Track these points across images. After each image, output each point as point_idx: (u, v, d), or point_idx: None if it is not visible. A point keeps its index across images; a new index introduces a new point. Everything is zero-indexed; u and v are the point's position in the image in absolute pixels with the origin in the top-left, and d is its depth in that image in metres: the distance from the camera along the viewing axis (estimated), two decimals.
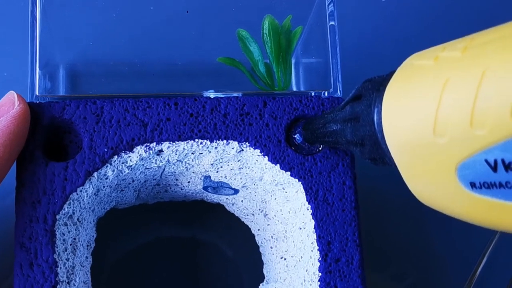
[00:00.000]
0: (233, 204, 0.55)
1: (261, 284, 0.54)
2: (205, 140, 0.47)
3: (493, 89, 0.27)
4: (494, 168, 0.28)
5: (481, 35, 0.30)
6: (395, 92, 0.34)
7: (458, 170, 0.30)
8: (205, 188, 0.52)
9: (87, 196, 0.46)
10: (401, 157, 0.34)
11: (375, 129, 0.36)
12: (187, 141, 0.46)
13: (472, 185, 0.30)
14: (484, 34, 0.30)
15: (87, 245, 0.48)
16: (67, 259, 0.45)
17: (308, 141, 0.46)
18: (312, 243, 0.47)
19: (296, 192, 0.48)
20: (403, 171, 0.35)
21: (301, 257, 0.48)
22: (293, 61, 0.58)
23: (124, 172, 0.46)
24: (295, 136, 0.48)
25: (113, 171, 0.46)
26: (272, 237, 0.53)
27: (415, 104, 0.32)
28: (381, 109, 0.35)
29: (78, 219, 0.46)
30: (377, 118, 0.35)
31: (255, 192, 0.51)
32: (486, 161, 0.28)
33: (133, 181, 0.49)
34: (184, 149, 0.47)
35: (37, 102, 0.46)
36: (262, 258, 0.57)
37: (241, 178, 0.50)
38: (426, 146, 0.31)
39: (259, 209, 0.53)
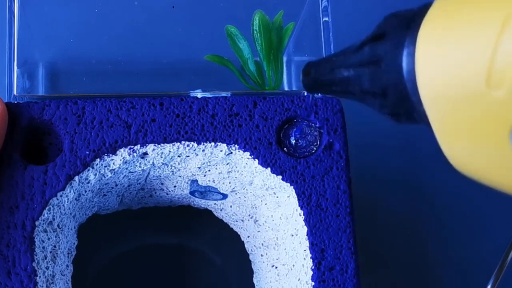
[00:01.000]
0: (221, 210, 0.55)
1: None
2: (192, 142, 0.46)
3: None
4: None
5: None
6: (434, 30, 0.29)
7: None
8: (192, 192, 0.52)
9: (67, 201, 0.45)
10: (439, 113, 0.29)
11: (404, 77, 0.31)
12: (173, 143, 0.46)
13: None
14: None
15: (68, 253, 0.48)
16: (47, 268, 0.44)
17: (309, 89, 0.40)
18: (304, 250, 0.46)
19: (288, 197, 0.47)
20: (439, 130, 0.30)
21: (293, 265, 0.48)
22: (284, 59, 0.57)
23: (107, 176, 0.46)
24: (289, 137, 0.47)
25: (95, 175, 0.45)
26: (262, 244, 0.52)
27: (463, 45, 0.27)
28: (413, 51, 0.30)
29: (58, 225, 0.45)
30: (408, 63, 0.30)
31: (245, 197, 0.51)
32: None
33: (116, 185, 0.49)
34: (170, 151, 0.46)
35: (15, 102, 0.46)
36: (252, 267, 0.56)
37: (230, 183, 0.50)
38: (475, 99, 0.27)
39: (249, 215, 0.53)
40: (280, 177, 0.47)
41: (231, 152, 0.46)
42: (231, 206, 0.53)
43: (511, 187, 0.28)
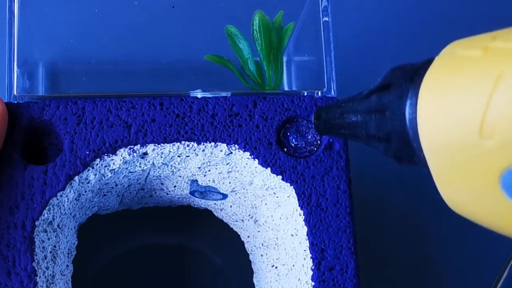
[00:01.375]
0: (221, 210, 0.55)
1: None
2: (192, 142, 0.46)
3: None
4: None
5: None
6: (434, 84, 0.31)
7: (503, 177, 0.28)
8: (192, 193, 0.52)
9: (67, 201, 0.45)
10: (436, 159, 0.32)
11: (406, 125, 0.33)
12: (173, 143, 0.46)
13: None
14: None
15: (68, 253, 0.48)
16: (47, 268, 0.44)
17: (320, 131, 0.44)
18: (304, 250, 0.46)
19: (288, 197, 0.47)
20: (436, 174, 0.32)
21: (293, 265, 0.48)
22: (284, 59, 0.57)
23: (107, 176, 0.46)
24: (289, 137, 0.47)
25: (95, 175, 0.45)
26: (262, 244, 0.52)
27: (459, 100, 0.29)
28: (416, 102, 0.32)
29: (58, 225, 0.45)
30: (410, 113, 0.33)
31: (245, 197, 0.51)
32: None
33: (116, 185, 0.48)
34: (170, 151, 0.46)
35: (15, 102, 0.45)
36: (252, 267, 0.56)
37: (230, 183, 0.50)
38: (468, 148, 0.29)
39: (249, 215, 0.53)
40: (280, 177, 0.46)
41: (231, 152, 0.46)
42: (231, 206, 0.53)
43: (502, 228, 0.30)
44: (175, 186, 0.51)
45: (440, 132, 0.30)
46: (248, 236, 0.55)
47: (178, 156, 0.47)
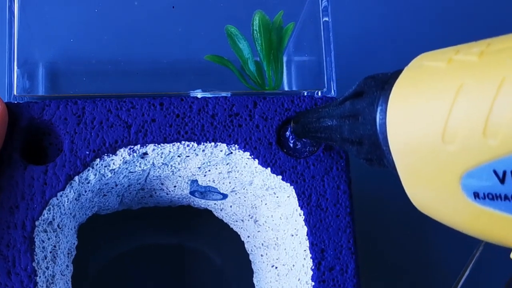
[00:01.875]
0: (221, 210, 0.55)
1: None
2: (192, 142, 0.46)
3: (510, 100, 0.27)
4: (502, 180, 0.28)
5: (497, 41, 0.30)
6: (402, 92, 0.34)
7: (463, 179, 0.30)
8: (192, 192, 0.52)
9: (67, 201, 0.45)
10: (403, 161, 0.34)
11: (377, 129, 0.35)
12: (173, 143, 0.46)
13: (476, 195, 0.30)
14: (500, 41, 0.29)
15: (68, 253, 0.48)
16: (47, 268, 0.44)
17: (298, 134, 0.46)
18: (304, 250, 0.46)
19: (288, 197, 0.47)
20: (403, 175, 0.34)
21: (293, 265, 0.48)
22: (284, 59, 0.57)
23: (107, 176, 0.46)
24: (288, 137, 0.47)
25: (95, 175, 0.45)
26: (262, 244, 0.52)
27: (424, 107, 0.31)
28: (385, 108, 0.34)
29: (58, 225, 0.45)
30: (380, 118, 0.35)
31: (245, 197, 0.51)
32: (495, 171, 0.28)
33: (116, 185, 0.48)
34: (170, 151, 0.46)
35: (15, 102, 0.45)
36: (252, 267, 0.56)
37: (230, 183, 0.50)
38: (432, 151, 0.31)
39: (249, 215, 0.53)
40: (280, 177, 0.46)
41: (231, 152, 0.46)
42: (231, 206, 0.53)
43: (463, 227, 0.33)
44: (175, 186, 0.51)
45: (406, 137, 0.33)
46: (248, 236, 0.55)
47: (178, 156, 0.46)
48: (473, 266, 0.59)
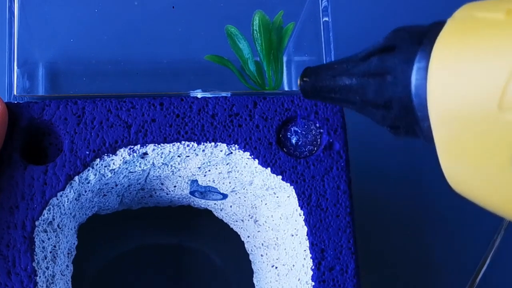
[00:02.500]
0: (221, 210, 0.55)
1: None
2: (192, 142, 0.46)
3: None
4: None
5: None
6: (449, 48, 0.29)
7: None
8: (192, 192, 0.52)
9: (67, 201, 0.45)
10: (445, 130, 0.29)
11: (411, 91, 0.31)
12: (173, 143, 0.46)
13: None
14: None
15: (68, 253, 0.48)
16: (47, 268, 0.44)
17: (306, 94, 0.39)
18: (304, 250, 0.46)
19: (288, 197, 0.47)
20: (442, 147, 0.30)
21: (293, 265, 0.48)
22: (284, 59, 0.57)
23: (107, 176, 0.46)
24: (289, 137, 0.47)
25: (95, 175, 0.45)
26: (262, 244, 0.52)
27: (478, 67, 0.27)
28: (425, 66, 0.30)
29: (58, 225, 0.45)
30: (417, 78, 0.30)
31: (245, 197, 0.51)
32: None
33: (116, 185, 0.48)
34: (170, 151, 0.46)
35: (15, 102, 0.45)
36: (252, 267, 0.56)
37: (230, 183, 0.50)
38: (484, 120, 0.27)
39: (249, 215, 0.53)
40: (280, 177, 0.46)
41: (231, 152, 0.46)
42: (231, 206, 0.53)
43: (507, 210, 0.28)
44: (175, 186, 0.51)
45: (453, 101, 0.28)
46: (248, 236, 0.55)
47: (178, 156, 0.46)
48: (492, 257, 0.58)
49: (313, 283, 0.46)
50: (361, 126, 0.51)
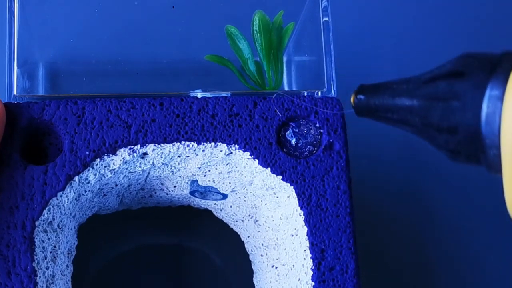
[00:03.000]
0: (221, 210, 0.55)
1: None
2: (192, 142, 0.46)
3: None
4: None
5: None
6: None
7: None
8: (192, 193, 0.52)
9: (67, 201, 0.45)
10: None
11: (481, 118, 0.30)
12: (173, 143, 0.46)
13: None
14: None
15: (68, 253, 0.48)
16: (47, 268, 0.44)
17: (360, 111, 0.39)
18: (304, 250, 0.46)
19: (288, 197, 0.47)
20: (510, 177, 0.30)
21: (293, 265, 0.48)
22: (284, 59, 0.57)
23: (107, 176, 0.46)
24: (289, 138, 0.47)
25: (95, 175, 0.45)
26: (262, 244, 0.52)
27: None
28: (500, 96, 0.30)
29: (58, 225, 0.45)
30: (490, 106, 0.30)
31: (245, 197, 0.51)
32: None
33: (116, 185, 0.48)
34: (170, 151, 0.46)
35: (15, 102, 0.45)
36: (252, 267, 0.56)
37: (230, 183, 0.50)
38: None
39: (249, 215, 0.53)
40: (280, 177, 0.46)
41: (231, 152, 0.46)
42: (231, 206, 0.53)
43: None
44: (175, 186, 0.51)
45: None
46: (248, 236, 0.55)
47: (178, 156, 0.46)
48: None
49: (313, 283, 0.45)
50: (361, 126, 0.51)
